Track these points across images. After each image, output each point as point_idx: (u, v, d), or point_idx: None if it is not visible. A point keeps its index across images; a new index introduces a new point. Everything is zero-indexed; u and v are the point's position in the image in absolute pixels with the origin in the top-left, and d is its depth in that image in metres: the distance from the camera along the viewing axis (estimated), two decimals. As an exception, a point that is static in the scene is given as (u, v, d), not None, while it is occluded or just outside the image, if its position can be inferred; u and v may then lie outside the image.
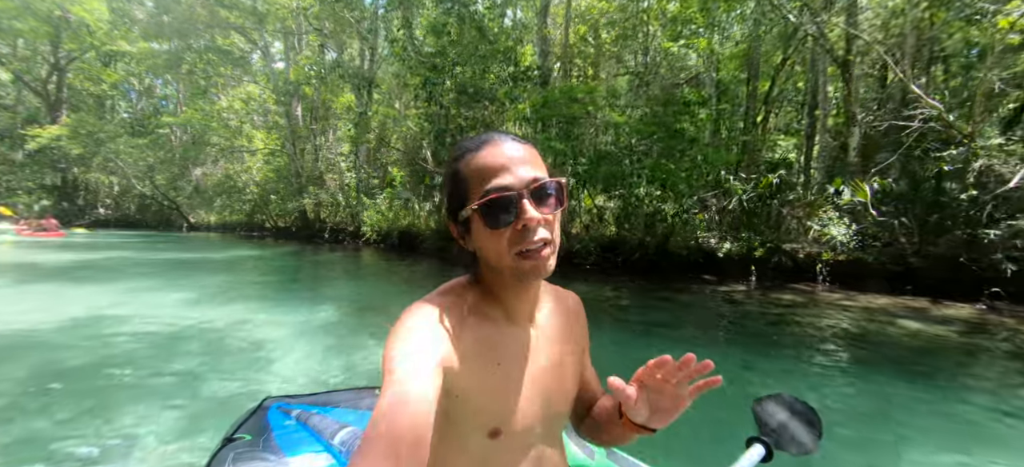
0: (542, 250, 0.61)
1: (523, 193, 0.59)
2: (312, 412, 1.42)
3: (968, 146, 6.48)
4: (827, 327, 5.23)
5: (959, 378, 3.72)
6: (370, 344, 4.24)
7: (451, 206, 0.65)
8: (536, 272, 0.61)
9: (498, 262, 0.62)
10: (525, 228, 0.59)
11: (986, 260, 6.41)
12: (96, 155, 25.32)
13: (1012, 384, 3.56)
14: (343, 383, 3.25)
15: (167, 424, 2.57)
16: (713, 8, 9.44)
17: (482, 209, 0.60)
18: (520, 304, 0.68)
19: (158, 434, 2.45)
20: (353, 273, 10.41)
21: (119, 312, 5.20)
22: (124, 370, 3.45)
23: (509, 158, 0.61)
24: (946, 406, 3.10)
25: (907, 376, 3.65)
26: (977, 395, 3.30)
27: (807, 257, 8.24)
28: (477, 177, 0.61)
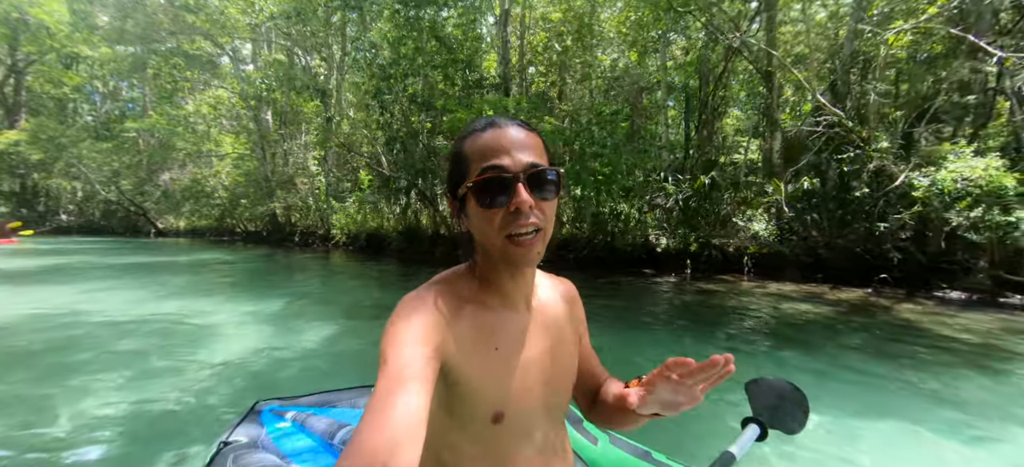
0: (532, 237, 0.61)
1: (519, 176, 0.60)
2: (308, 413, 1.40)
3: (864, 149, 7.31)
4: (737, 309, 5.95)
5: (822, 345, 4.42)
6: (348, 343, 4.34)
7: (451, 183, 0.67)
8: (524, 258, 0.62)
9: (488, 243, 0.63)
10: (518, 211, 0.60)
11: (878, 250, 7.26)
12: (58, 160, 24.74)
13: (850, 347, 4.27)
14: (325, 383, 3.14)
15: (153, 432, 2.51)
16: (648, 25, 10.19)
17: (477, 187, 0.61)
18: (515, 289, 0.69)
19: (145, 443, 2.40)
20: (324, 274, 10.66)
21: (83, 317, 5.19)
22: (97, 376, 3.33)
23: (511, 141, 0.62)
24: (806, 364, 3.81)
25: (785, 345, 4.38)
26: (827, 358, 3.99)
27: (735, 250, 9.02)
28: (477, 156, 0.62)
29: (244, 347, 4.11)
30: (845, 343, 4.54)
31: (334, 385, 1.86)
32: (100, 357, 3.84)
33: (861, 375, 3.54)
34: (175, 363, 3.69)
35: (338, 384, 1.80)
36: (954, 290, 6.56)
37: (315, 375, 3.48)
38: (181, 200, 23.77)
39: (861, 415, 2.78)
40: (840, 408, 2.86)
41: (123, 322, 5.00)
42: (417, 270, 10.38)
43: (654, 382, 0.62)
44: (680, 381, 0.59)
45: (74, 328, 4.75)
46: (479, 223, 0.63)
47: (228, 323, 5.02)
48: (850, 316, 5.65)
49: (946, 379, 3.46)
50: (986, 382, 3.44)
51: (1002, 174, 5.71)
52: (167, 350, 4.03)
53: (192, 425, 2.59)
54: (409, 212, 13.94)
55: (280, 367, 3.64)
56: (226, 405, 2.85)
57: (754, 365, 3.83)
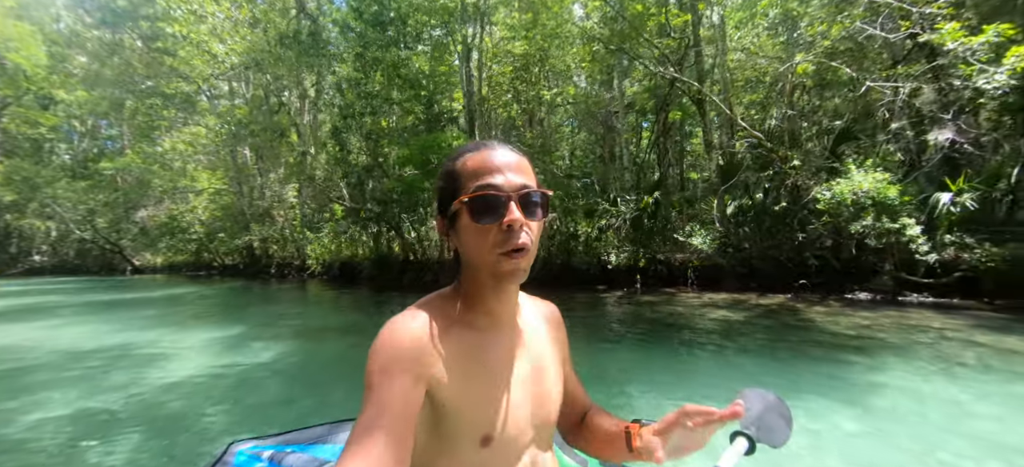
0: (521, 253, 0.63)
1: (511, 196, 0.62)
2: (286, 452, 1.33)
3: (782, 167, 8.05)
4: (673, 317, 6.50)
5: (732, 342, 4.96)
6: (323, 374, 4.32)
7: (442, 201, 0.67)
8: (513, 273, 0.63)
9: (479, 259, 0.64)
10: (510, 228, 0.61)
11: (799, 258, 7.93)
12: (31, 201, 24.67)
13: (753, 342, 4.82)
14: (303, 419, 3.02)
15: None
16: (602, 58, 11.06)
17: (471, 203, 0.62)
18: (502, 309, 0.69)
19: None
20: (300, 304, 10.82)
21: (43, 358, 5.12)
22: (54, 420, 3.20)
23: (504, 163, 0.64)
24: (717, 359, 4.34)
25: (699, 344, 4.92)
26: (732, 352, 4.53)
27: (679, 264, 9.64)
28: (471, 175, 0.64)
29: (215, 384, 4.01)
30: (750, 340, 5.09)
31: (312, 419, 1.81)
32: (59, 400, 3.65)
33: (755, 365, 4.09)
34: (141, 403, 3.52)
35: (316, 418, 1.69)
36: (862, 291, 7.21)
37: (291, 409, 3.37)
38: (158, 236, 23.79)
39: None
40: (730, 389, 3.38)
41: (85, 363, 4.90)
42: (388, 297, 10.74)
43: (670, 430, 0.65)
44: (695, 427, 0.63)
45: (33, 370, 4.70)
46: (471, 239, 0.64)
47: (199, 359, 4.92)
48: (762, 318, 6.23)
49: (816, 364, 4.03)
50: (851, 365, 4.00)
51: (886, 187, 6.44)
52: (133, 389, 3.87)
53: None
54: (381, 241, 14.37)
55: (253, 403, 3.51)
56: (197, 446, 2.72)
57: (677, 367, 4.34)
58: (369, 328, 7.18)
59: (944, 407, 3.09)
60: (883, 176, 6.60)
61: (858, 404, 3.09)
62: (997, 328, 5.13)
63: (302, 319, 8.43)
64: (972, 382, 3.54)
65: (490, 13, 12.29)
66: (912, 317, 5.84)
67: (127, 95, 19.19)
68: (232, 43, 10.33)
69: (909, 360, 4.07)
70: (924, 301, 6.65)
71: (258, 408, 3.40)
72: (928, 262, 6.69)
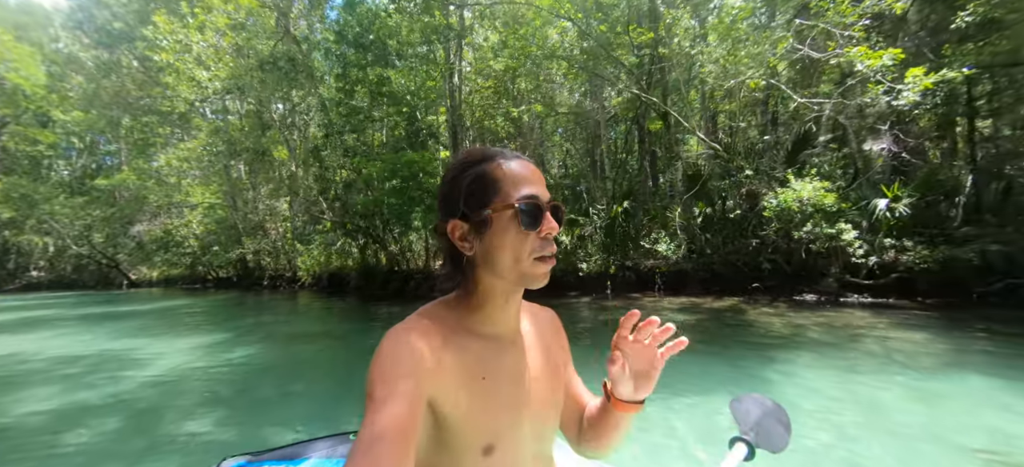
0: (553, 259, 0.66)
1: (546, 206, 0.65)
2: (281, 465, 1.33)
3: (737, 176, 8.52)
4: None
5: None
6: (317, 386, 4.33)
7: (469, 204, 0.65)
8: (545, 277, 0.66)
9: (515, 263, 0.64)
10: (547, 237, 0.65)
11: (754, 262, 8.37)
12: (29, 217, 25.12)
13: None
14: (298, 430, 3.08)
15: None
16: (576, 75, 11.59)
17: (521, 209, 0.63)
18: (507, 317, 0.70)
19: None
20: (290, 315, 11.13)
21: (36, 370, 5.24)
22: (42, 436, 3.22)
23: (534, 174, 0.67)
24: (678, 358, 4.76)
25: None
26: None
27: (648, 269, 10.07)
28: (511, 181, 0.65)
29: (207, 397, 3.97)
30: (691, 340, 5.50)
31: (300, 427, 2.01)
32: (50, 412, 3.66)
33: (688, 362, 4.50)
34: (131, 418, 3.48)
35: (305, 426, 1.91)
36: (809, 293, 7.65)
37: (280, 416, 3.33)
38: (153, 250, 24.20)
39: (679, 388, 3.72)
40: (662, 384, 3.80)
41: (77, 375, 4.99)
42: (376, 306, 11.14)
43: (618, 347, 0.69)
44: (639, 343, 0.68)
45: (25, 382, 4.79)
46: (510, 244, 0.64)
47: (190, 372, 4.93)
48: (710, 320, 6.66)
49: (739, 360, 4.45)
50: (770, 360, 4.43)
51: (823, 195, 6.90)
52: (123, 404, 3.83)
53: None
54: (367, 252, 14.79)
55: (244, 413, 3.46)
56: (188, 460, 2.70)
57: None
58: (354, 335, 7.61)
59: (847, 395, 3.51)
60: (821, 185, 7.06)
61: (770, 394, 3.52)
62: (915, 325, 5.56)
63: (291, 327, 8.84)
64: (877, 373, 3.96)
65: (466, 33, 12.81)
66: (844, 317, 6.27)
67: (123, 114, 19.69)
68: (215, 70, 10.86)
69: (824, 355, 4.50)
70: (863, 301, 7.08)
71: (248, 418, 3.36)
72: (868, 265, 7.14)
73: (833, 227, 6.84)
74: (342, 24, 11.59)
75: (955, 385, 3.61)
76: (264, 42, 11.84)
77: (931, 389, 3.56)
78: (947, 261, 6.74)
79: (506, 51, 11.68)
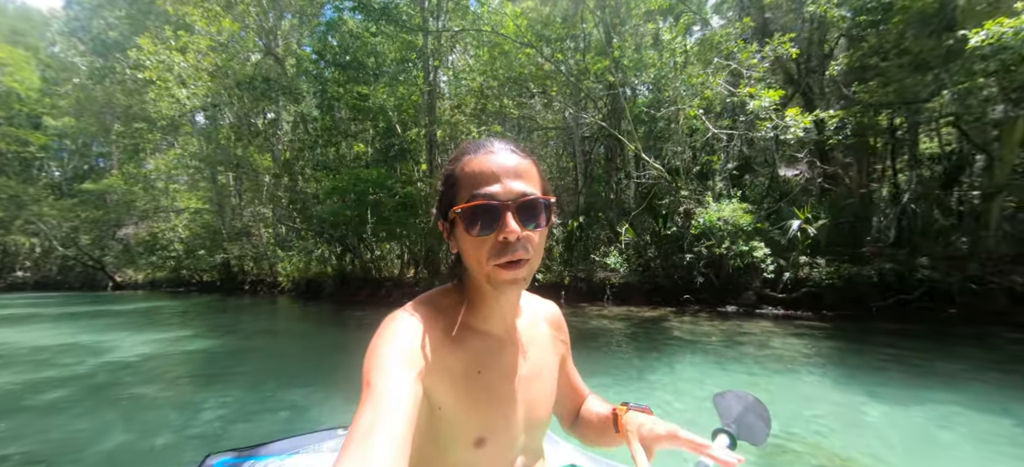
0: (518, 264, 0.61)
1: (508, 206, 0.60)
2: (268, 461, 1.32)
3: (676, 195, 9.26)
4: (578, 328, 7.55)
5: (604, 346, 6.03)
6: (298, 385, 4.31)
7: (442, 205, 0.66)
8: (512, 283, 0.62)
9: (477, 268, 0.63)
10: (505, 241, 0.60)
11: (689, 276, 9.07)
12: (17, 218, 25.47)
13: (616, 342, 5.89)
14: (281, 429, 3.05)
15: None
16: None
17: (466, 213, 0.61)
18: (500, 312, 0.69)
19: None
20: (269, 317, 11.58)
21: (13, 370, 5.25)
22: (20, 434, 3.18)
23: (502, 168, 0.62)
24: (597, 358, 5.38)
25: (583, 346, 5.96)
26: (601, 351, 5.59)
27: (599, 281, 10.75)
28: (468, 182, 0.62)
29: (190, 394, 3.97)
30: (610, 343, 6.17)
31: (289, 428, 2.02)
32: (25, 413, 3.61)
33: (600, 362, 5.15)
34: (113, 415, 3.45)
35: (293, 427, 1.97)
36: (731, 305, 8.34)
37: (267, 419, 3.34)
38: (139, 253, 24.61)
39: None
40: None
41: (53, 375, 5.03)
42: (351, 310, 11.68)
43: (657, 443, 0.72)
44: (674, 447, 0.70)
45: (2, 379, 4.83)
46: (468, 248, 0.63)
47: (172, 370, 4.99)
48: (636, 327, 7.32)
49: (638, 361, 5.11)
50: (675, 358, 5.08)
51: (741, 215, 7.64)
52: (105, 401, 3.80)
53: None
54: (344, 260, 15.39)
55: (229, 414, 3.44)
56: (172, 456, 2.66)
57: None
58: (328, 336, 8.16)
59: (709, 386, 4.18)
60: (740, 206, 7.81)
61: (652, 388, 4.18)
62: (803, 334, 6.25)
63: (273, 331, 9.19)
64: (746, 371, 4.62)
65: (441, 55, 13.59)
66: (749, 326, 6.96)
67: (114, 120, 20.29)
68: (194, 88, 11.57)
69: (711, 355, 5.17)
70: (775, 313, 7.79)
71: (234, 418, 3.35)
72: (782, 280, 7.86)
73: (747, 245, 7.57)
74: (322, 45, 12.35)
75: (805, 381, 4.28)
76: (241, 63, 12.56)
77: (781, 382, 4.23)
78: (851, 278, 7.47)
79: (478, 73, 12.48)
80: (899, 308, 7.15)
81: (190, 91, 11.58)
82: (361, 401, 0.53)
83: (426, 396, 0.59)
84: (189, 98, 11.70)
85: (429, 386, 0.60)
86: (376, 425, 0.50)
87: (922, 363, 4.71)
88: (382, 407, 0.51)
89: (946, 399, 3.57)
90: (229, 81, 12.08)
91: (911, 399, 3.60)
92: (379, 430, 0.49)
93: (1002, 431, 3.01)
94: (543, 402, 0.75)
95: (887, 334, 6.20)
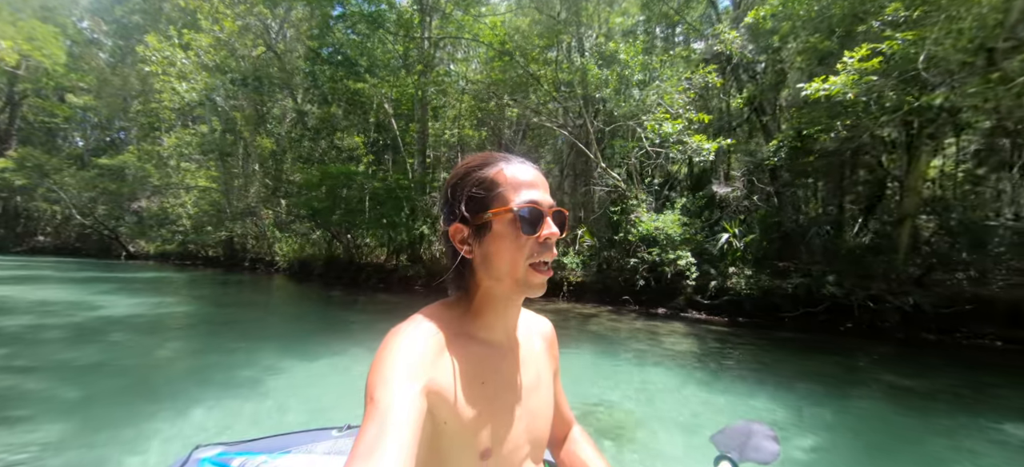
0: (550, 266, 0.67)
1: (547, 212, 0.66)
2: (258, 458, 1.25)
3: (626, 202, 10.02)
4: None
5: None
6: (293, 374, 4.25)
7: (471, 208, 0.67)
8: (542, 285, 0.66)
9: (512, 269, 0.65)
10: (547, 241, 0.65)
11: (633, 278, 9.84)
12: (39, 186, 27.13)
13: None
14: (276, 423, 2.99)
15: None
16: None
17: (520, 213, 0.64)
18: (506, 323, 0.71)
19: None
20: (265, 294, 12.54)
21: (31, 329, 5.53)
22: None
23: (538, 179, 0.68)
24: None
25: None
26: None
27: (559, 280, 11.56)
28: (513, 185, 0.66)
29: (179, 380, 3.83)
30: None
31: (281, 422, 2.05)
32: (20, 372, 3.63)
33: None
34: (96, 396, 3.35)
35: (285, 420, 2.00)
36: (662, 308, 9.11)
37: (260, 411, 3.24)
38: (150, 226, 26.07)
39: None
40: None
41: (50, 336, 5.33)
42: (331, 291, 12.67)
43: None
44: None
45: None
46: (508, 248, 0.65)
47: (161, 349, 4.84)
48: (569, 322, 8.15)
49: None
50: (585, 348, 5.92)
51: (672, 225, 8.39)
52: (86, 381, 3.67)
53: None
54: (334, 244, 16.46)
55: (220, 403, 3.31)
56: (157, 449, 2.54)
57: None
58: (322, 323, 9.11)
59: (600, 375, 5.00)
60: (675, 218, 8.55)
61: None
62: (707, 336, 7.02)
63: (268, 310, 9.94)
64: (638, 364, 5.42)
65: (431, 56, 14.42)
66: (665, 327, 7.73)
67: (132, 101, 21.59)
68: (192, 84, 12.67)
69: (617, 347, 5.98)
70: (698, 317, 8.53)
71: (225, 408, 3.25)
72: (709, 287, 8.60)
73: (675, 253, 8.32)
74: (317, 44, 13.31)
75: (669, 373, 5.07)
76: (238, 61, 13.59)
77: (640, 370, 5.04)
78: (767, 290, 8.18)
79: (465, 78, 13.32)
80: (806, 319, 7.85)
81: (189, 85, 12.69)
82: (365, 417, 0.53)
83: (431, 410, 0.60)
84: (188, 92, 12.82)
85: (434, 399, 0.60)
86: (380, 441, 0.50)
87: (779, 369, 5.44)
88: (387, 423, 0.52)
89: (772, 397, 4.21)
90: (225, 77, 13.16)
91: (746, 396, 4.29)
92: (383, 446, 0.50)
93: (792, 422, 3.80)
94: (544, 414, 0.77)
95: (774, 341, 6.85)
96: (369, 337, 6.07)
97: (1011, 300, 6.80)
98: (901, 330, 7.14)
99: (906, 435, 3.48)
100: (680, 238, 8.37)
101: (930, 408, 4.10)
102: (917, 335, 7.00)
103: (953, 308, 6.99)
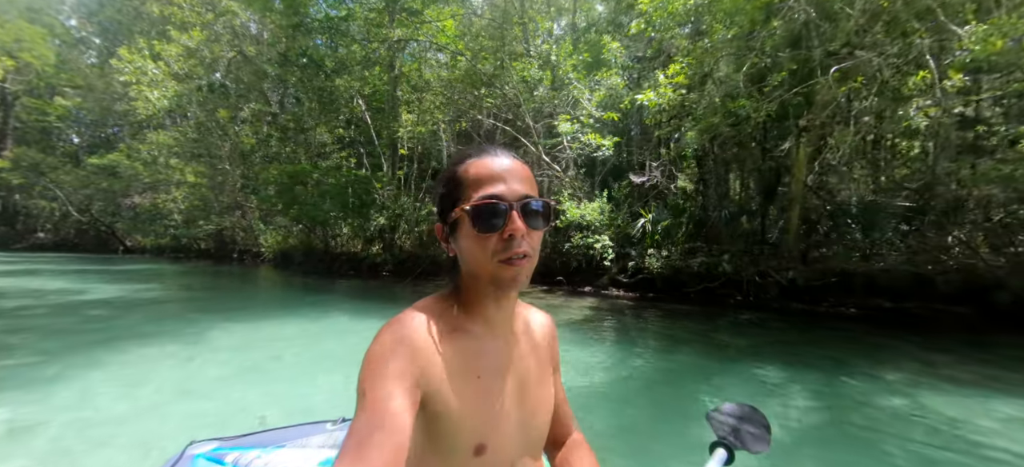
0: (521, 261, 0.64)
1: (513, 205, 0.63)
2: (251, 452, 1.25)
3: (562, 192, 11.06)
4: None
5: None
6: (269, 373, 4.08)
7: (443, 207, 0.68)
8: (514, 281, 0.64)
9: (479, 267, 0.65)
10: (511, 238, 0.63)
11: (568, 259, 10.95)
12: (36, 184, 28.20)
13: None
14: (267, 418, 2.92)
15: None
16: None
17: (473, 211, 0.63)
18: (499, 316, 0.71)
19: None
20: (250, 283, 13.54)
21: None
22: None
23: (506, 170, 0.65)
24: None
25: None
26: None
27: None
28: (473, 182, 0.65)
29: (169, 375, 3.77)
30: None
31: (271, 418, 2.11)
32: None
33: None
34: (84, 393, 3.25)
35: (274, 416, 2.05)
36: (588, 286, 10.23)
37: (249, 406, 3.17)
38: (144, 221, 27.21)
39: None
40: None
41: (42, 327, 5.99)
42: (316, 280, 13.73)
43: None
44: None
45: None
46: (472, 247, 0.65)
47: (151, 344, 4.80)
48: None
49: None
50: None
51: (594, 212, 9.44)
52: (74, 376, 3.60)
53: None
54: (312, 236, 17.59)
55: (211, 398, 3.25)
56: (150, 448, 2.48)
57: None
58: (302, 310, 10.27)
59: None
60: (597, 205, 9.60)
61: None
62: (620, 310, 8.11)
63: (254, 299, 10.99)
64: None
65: (402, 64, 15.29)
66: (580, 302, 8.84)
67: (117, 102, 22.46)
68: (162, 93, 13.64)
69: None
70: (617, 294, 9.65)
71: (216, 403, 3.18)
72: (627, 268, 9.70)
73: (593, 238, 9.40)
74: (287, 49, 14.20)
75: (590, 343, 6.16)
76: (206, 67, 14.50)
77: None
78: (676, 269, 9.27)
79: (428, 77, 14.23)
80: (706, 294, 8.95)
81: (159, 94, 13.68)
82: (356, 411, 0.54)
83: (424, 403, 0.60)
84: (159, 99, 13.83)
85: (427, 393, 0.61)
86: (371, 435, 0.51)
87: (679, 334, 6.53)
88: (377, 417, 0.52)
89: (661, 358, 5.22)
90: (193, 86, 14.14)
91: (637, 357, 5.36)
92: (374, 440, 0.50)
93: (616, 364, 4.90)
94: (541, 410, 0.76)
95: (669, 313, 7.91)
96: (328, 315, 7.16)
97: (867, 273, 7.89)
98: (778, 301, 8.25)
99: (697, 373, 4.59)
100: (601, 224, 9.42)
101: (731, 358, 5.20)
102: (788, 305, 8.11)
103: (822, 281, 8.09)
